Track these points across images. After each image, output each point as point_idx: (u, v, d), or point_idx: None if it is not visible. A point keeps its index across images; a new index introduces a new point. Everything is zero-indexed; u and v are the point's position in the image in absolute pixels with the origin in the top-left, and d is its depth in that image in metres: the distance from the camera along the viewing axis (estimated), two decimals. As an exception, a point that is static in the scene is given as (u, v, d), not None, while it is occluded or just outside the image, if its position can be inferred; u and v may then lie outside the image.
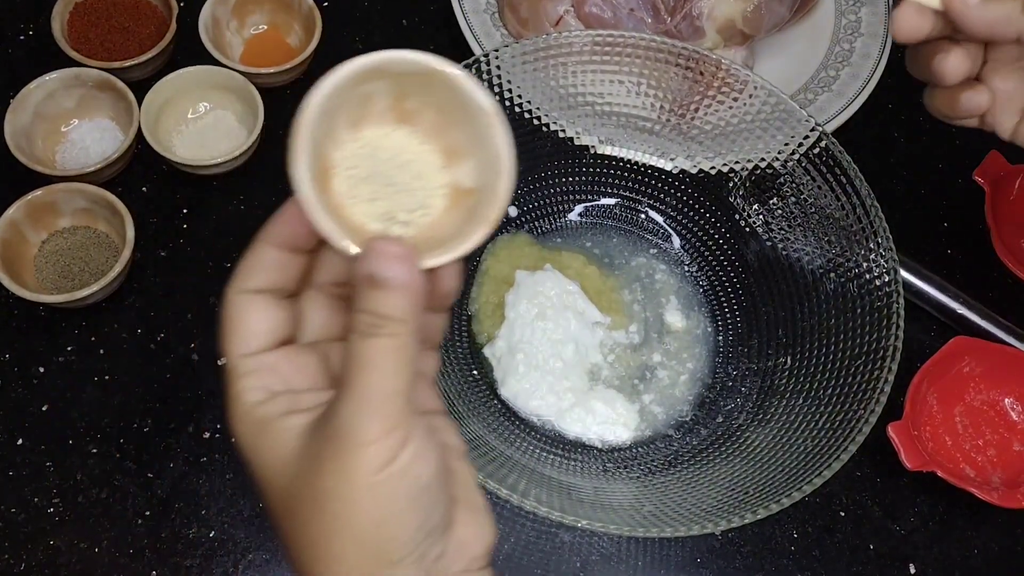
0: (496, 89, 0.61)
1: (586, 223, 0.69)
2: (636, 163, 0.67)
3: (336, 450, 0.31)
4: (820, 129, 0.60)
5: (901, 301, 0.55)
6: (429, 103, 0.34)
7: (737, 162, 0.64)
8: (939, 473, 0.60)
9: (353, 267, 0.32)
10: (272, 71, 0.69)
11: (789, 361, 0.60)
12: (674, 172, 0.67)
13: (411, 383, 0.31)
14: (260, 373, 0.33)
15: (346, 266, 0.35)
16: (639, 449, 0.61)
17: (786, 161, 0.62)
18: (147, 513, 0.59)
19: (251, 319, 0.34)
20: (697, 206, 0.67)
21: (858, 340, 0.56)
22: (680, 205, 0.68)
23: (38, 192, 0.63)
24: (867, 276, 0.57)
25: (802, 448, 0.54)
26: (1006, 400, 0.66)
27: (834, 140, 0.59)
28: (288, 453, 0.32)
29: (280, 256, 0.34)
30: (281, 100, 0.72)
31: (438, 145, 0.35)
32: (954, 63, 0.47)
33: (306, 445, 0.32)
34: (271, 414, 0.33)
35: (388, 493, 0.31)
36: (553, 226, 0.68)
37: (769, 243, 0.64)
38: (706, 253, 0.67)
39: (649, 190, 0.68)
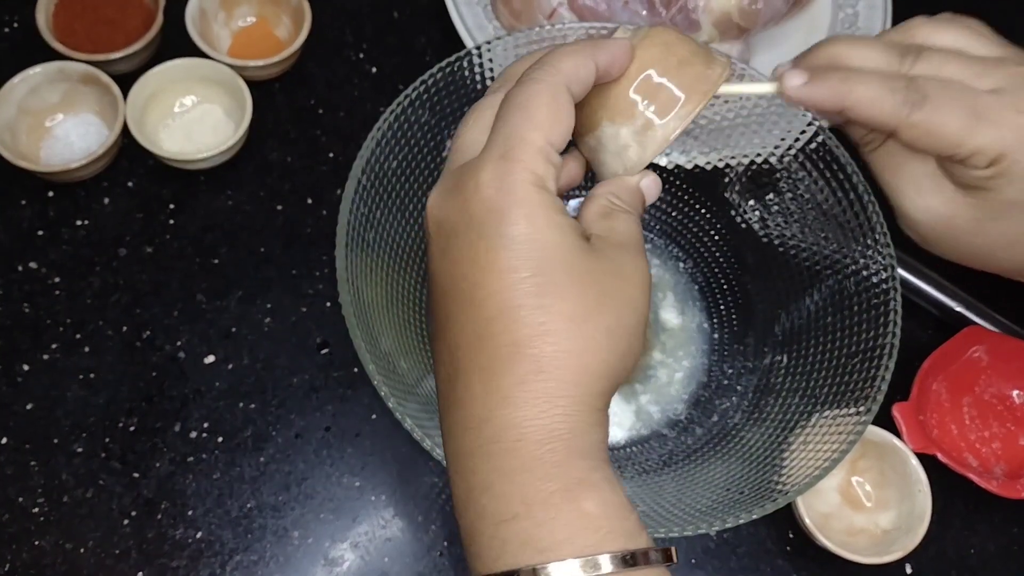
0: (489, 83, 0.60)
1: (580, 219, 0.68)
2: (630, 158, 0.66)
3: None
4: (817, 124, 0.59)
5: (898, 298, 0.54)
6: None
7: (733, 157, 0.63)
8: (939, 456, 0.60)
9: None
10: (260, 64, 0.69)
11: (785, 359, 0.60)
12: (669, 167, 0.66)
13: None
14: (553, 165, 0.36)
15: None
16: (634, 448, 0.60)
17: (783, 156, 0.61)
18: (133, 513, 0.58)
19: (568, 115, 0.36)
20: (692, 202, 0.67)
21: (855, 338, 0.56)
22: (675, 201, 0.67)
23: None
24: (864, 273, 0.56)
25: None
26: (1015, 393, 0.66)
27: (831, 135, 0.58)
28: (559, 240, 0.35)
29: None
30: (269, 93, 0.71)
31: None
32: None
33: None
34: (555, 204, 0.36)
35: None
36: (546, 222, 0.68)
37: (765, 239, 0.63)
38: (701, 249, 0.67)
39: (643, 185, 0.67)
